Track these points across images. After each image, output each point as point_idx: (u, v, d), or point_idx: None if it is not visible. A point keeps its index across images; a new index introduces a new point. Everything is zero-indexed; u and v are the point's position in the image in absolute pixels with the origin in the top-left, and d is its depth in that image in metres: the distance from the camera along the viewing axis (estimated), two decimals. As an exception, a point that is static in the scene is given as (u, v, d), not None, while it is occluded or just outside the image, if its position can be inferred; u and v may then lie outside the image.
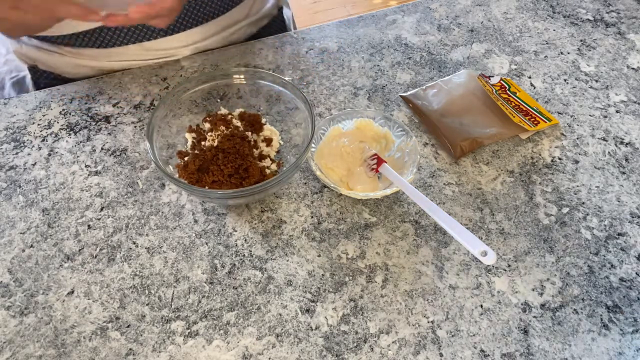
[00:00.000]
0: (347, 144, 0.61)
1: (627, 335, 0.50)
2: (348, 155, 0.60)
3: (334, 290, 0.52)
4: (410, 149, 0.59)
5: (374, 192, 0.56)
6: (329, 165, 0.60)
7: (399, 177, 0.55)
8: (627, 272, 0.54)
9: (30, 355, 0.48)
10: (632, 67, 0.74)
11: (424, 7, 0.84)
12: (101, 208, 0.59)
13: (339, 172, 0.60)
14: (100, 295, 0.52)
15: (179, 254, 0.55)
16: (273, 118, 0.64)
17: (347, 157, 0.60)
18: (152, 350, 0.48)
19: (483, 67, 0.74)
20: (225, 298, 0.52)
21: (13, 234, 0.57)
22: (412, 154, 0.59)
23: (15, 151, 0.64)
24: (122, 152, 0.64)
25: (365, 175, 0.58)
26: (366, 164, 0.59)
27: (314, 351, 0.48)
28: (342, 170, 0.60)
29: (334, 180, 0.59)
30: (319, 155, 0.60)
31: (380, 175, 0.58)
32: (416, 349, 0.48)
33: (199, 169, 0.56)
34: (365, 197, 0.57)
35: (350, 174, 0.59)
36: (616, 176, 0.62)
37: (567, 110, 0.69)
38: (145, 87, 0.71)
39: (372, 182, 0.58)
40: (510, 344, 0.49)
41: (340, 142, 0.61)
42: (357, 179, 0.58)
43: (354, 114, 0.63)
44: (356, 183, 0.58)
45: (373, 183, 0.58)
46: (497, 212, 0.58)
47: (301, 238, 0.56)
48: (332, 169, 0.60)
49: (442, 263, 0.54)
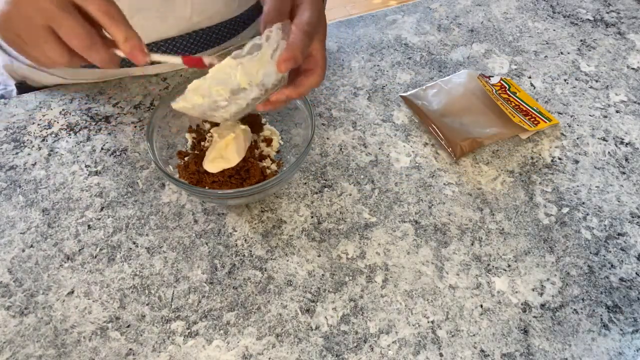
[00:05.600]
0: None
1: (627, 335, 0.50)
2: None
3: (334, 290, 0.52)
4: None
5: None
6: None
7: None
8: (627, 272, 0.54)
9: (30, 355, 0.48)
10: (632, 67, 0.74)
11: (424, 7, 0.84)
12: (101, 208, 0.59)
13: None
14: (100, 295, 0.52)
15: (179, 254, 0.55)
16: (273, 118, 0.64)
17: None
18: (152, 350, 0.48)
19: (483, 67, 0.74)
20: (225, 298, 0.52)
21: (13, 234, 0.57)
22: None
23: (15, 151, 0.64)
24: (122, 152, 0.64)
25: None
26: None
27: (314, 351, 0.48)
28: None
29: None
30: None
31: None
32: (416, 349, 0.48)
33: (199, 169, 0.56)
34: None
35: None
36: (616, 176, 0.62)
37: (567, 110, 0.69)
38: (145, 87, 0.71)
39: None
40: (510, 344, 0.49)
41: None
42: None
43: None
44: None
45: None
46: (497, 212, 0.58)
47: (301, 238, 0.56)
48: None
49: (442, 263, 0.54)
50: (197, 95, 0.46)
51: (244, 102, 0.47)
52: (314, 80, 0.50)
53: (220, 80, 0.45)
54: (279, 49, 0.45)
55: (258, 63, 0.44)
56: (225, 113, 0.48)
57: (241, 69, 0.44)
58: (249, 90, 0.45)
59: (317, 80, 0.50)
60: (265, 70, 0.45)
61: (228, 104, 0.47)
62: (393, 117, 0.68)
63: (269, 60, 0.45)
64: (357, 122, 0.67)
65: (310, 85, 0.50)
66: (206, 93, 0.46)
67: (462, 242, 0.56)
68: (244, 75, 0.44)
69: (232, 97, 0.46)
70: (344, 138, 0.65)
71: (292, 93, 0.49)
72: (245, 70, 0.44)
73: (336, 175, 0.62)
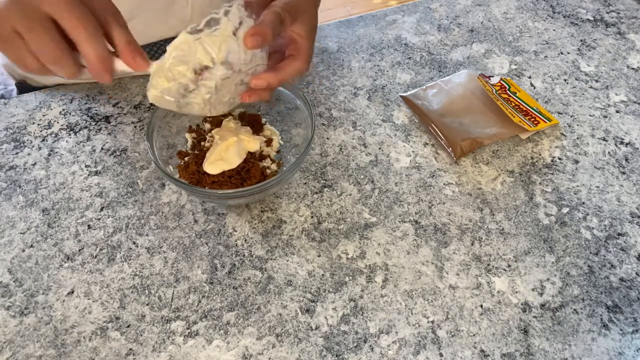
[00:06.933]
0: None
1: (627, 335, 0.50)
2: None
3: (334, 290, 0.52)
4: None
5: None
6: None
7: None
8: (627, 272, 0.54)
9: (30, 355, 0.48)
10: (632, 67, 0.74)
11: (424, 7, 0.84)
12: (101, 208, 0.59)
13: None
14: (100, 295, 0.52)
15: (179, 254, 0.55)
16: (273, 118, 0.64)
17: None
18: (152, 350, 0.48)
19: (483, 67, 0.74)
20: (225, 298, 0.52)
21: (13, 234, 0.57)
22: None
23: (15, 151, 0.64)
24: (122, 152, 0.64)
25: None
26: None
27: (314, 351, 0.48)
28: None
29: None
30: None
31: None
32: (416, 349, 0.48)
33: (199, 169, 0.56)
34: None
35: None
36: (616, 176, 0.62)
37: (567, 110, 0.69)
38: (145, 87, 0.71)
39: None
40: (510, 344, 0.49)
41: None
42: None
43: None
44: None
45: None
46: (497, 212, 0.58)
47: (301, 238, 0.56)
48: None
49: (442, 263, 0.54)
50: (162, 78, 0.43)
51: (212, 83, 0.44)
52: (296, 66, 0.47)
53: (180, 59, 0.42)
54: (244, 25, 0.42)
55: (219, 38, 0.42)
56: (196, 98, 0.45)
57: (199, 45, 0.42)
58: (214, 68, 0.43)
59: (299, 66, 0.47)
60: (228, 46, 0.42)
61: (196, 87, 0.44)
62: (393, 117, 0.68)
63: (230, 35, 0.42)
64: (357, 122, 0.67)
65: (293, 71, 0.47)
66: (169, 75, 0.43)
67: (462, 242, 0.56)
68: (203, 52, 0.42)
69: (197, 77, 0.43)
70: (344, 138, 0.65)
71: (271, 78, 0.46)
72: (205, 46, 0.42)
73: (336, 175, 0.62)
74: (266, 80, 0.46)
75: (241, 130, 0.58)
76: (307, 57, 0.48)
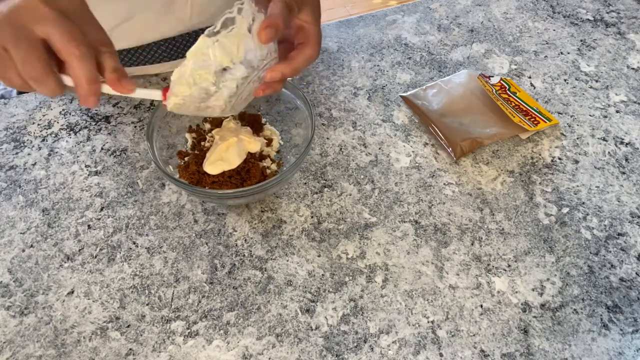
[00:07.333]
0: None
1: (627, 335, 0.50)
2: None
3: (334, 290, 0.52)
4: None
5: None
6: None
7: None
8: (627, 272, 0.54)
9: (30, 355, 0.48)
10: (632, 67, 0.74)
11: (424, 7, 0.84)
12: (101, 208, 0.59)
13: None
14: (100, 295, 0.52)
15: (179, 254, 0.55)
16: (273, 118, 0.64)
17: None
18: (152, 350, 0.48)
19: (483, 67, 0.74)
20: (225, 298, 0.52)
21: (13, 234, 0.57)
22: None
23: (15, 151, 0.64)
24: (122, 152, 0.64)
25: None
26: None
27: (314, 351, 0.48)
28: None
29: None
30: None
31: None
32: (416, 349, 0.48)
33: (199, 169, 0.56)
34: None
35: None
36: (616, 176, 0.62)
37: (567, 110, 0.69)
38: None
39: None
40: (510, 344, 0.49)
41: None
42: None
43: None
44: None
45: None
46: (497, 212, 0.58)
47: (301, 238, 0.56)
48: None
49: (442, 263, 0.54)
50: (183, 85, 0.43)
51: (233, 84, 0.44)
52: (308, 53, 0.47)
53: (200, 63, 0.42)
54: (257, 21, 0.42)
55: (236, 37, 0.42)
56: (219, 100, 0.45)
57: (219, 47, 0.41)
58: (234, 68, 0.43)
59: (311, 53, 0.47)
60: (246, 44, 0.42)
61: (217, 89, 0.44)
62: (393, 117, 0.68)
63: (246, 33, 0.42)
64: (357, 122, 0.67)
65: (305, 59, 0.47)
66: (191, 81, 0.43)
67: (462, 242, 0.56)
68: (223, 53, 0.42)
69: (218, 80, 0.43)
70: (344, 138, 0.65)
71: (285, 69, 0.46)
72: (224, 47, 0.41)
73: (336, 175, 0.62)
74: (280, 71, 0.46)
75: (241, 131, 0.58)
76: (317, 43, 0.48)
